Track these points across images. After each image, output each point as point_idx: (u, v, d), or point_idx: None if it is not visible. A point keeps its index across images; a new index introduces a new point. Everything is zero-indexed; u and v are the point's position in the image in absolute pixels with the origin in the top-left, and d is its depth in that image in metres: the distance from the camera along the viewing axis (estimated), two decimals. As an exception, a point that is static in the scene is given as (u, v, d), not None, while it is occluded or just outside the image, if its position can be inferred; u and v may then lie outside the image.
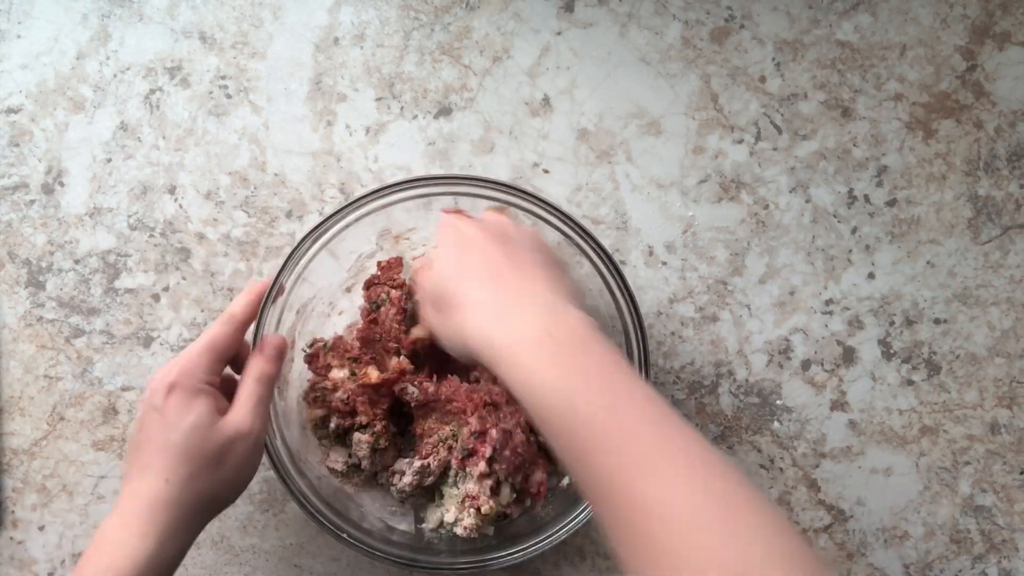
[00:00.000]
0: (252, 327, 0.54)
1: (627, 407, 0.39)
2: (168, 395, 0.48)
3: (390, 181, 0.56)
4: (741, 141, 0.65)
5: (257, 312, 0.53)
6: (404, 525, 0.60)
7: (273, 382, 0.52)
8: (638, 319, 0.55)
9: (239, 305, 0.52)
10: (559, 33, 0.65)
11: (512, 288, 0.46)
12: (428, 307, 0.52)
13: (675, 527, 0.34)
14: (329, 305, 0.62)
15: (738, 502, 0.35)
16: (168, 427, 0.47)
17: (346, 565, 0.63)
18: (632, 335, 0.55)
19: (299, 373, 0.60)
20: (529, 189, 0.56)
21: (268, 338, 0.53)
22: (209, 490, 0.48)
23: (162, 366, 0.50)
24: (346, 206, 0.55)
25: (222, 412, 0.49)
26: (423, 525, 0.59)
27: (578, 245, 0.55)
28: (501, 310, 0.45)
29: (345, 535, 0.56)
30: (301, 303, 0.59)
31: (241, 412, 0.49)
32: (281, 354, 0.53)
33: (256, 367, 0.51)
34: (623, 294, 0.55)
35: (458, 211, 0.54)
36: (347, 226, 0.56)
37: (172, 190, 0.65)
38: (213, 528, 0.63)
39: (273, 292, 0.54)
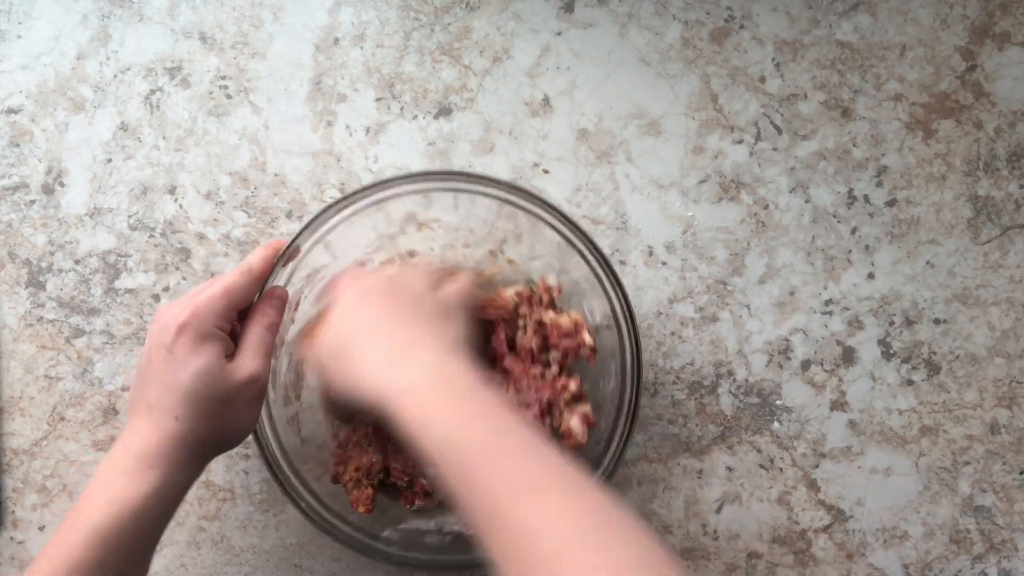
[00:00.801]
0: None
1: (508, 441, 0.42)
2: (179, 335, 0.48)
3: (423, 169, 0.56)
4: (741, 141, 0.65)
5: (272, 268, 0.54)
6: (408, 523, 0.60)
7: (276, 329, 0.53)
8: (631, 319, 0.55)
9: (257, 258, 0.53)
10: (559, 33, 0.65)
11: (401, 341, 0.48)
12: (321, 363, 0.52)
13: (549, 541, 0.37)
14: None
15: (606, 518, 0.39)
16: (178, 367, 0.48)
17: (346, 565, 0.64)
18: (625, 335, 0.55)
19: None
20: (527, 188, 0.56)
21: (274, 289, 0.54)
22: (216, 431, 0.49)
23: (173, 301, 0.51)
24: (375, 184, 0.56)
25: (229, 356, 0.50)
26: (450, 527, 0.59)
27: (574, 245, 0.56)
28: (391, 362, 0.47)
29: (344, 536, 0.56)
30: (312, 268, 0.59)
31: (248, 356, 0.50)
32: (283, 305, 0.55)
33: (263, 315, 0.52)
34: (617, 295, 0.55)
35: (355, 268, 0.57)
36: (372, 204, 0.56)
37: (172, 190, 0.65)
38: (213, 528, 0.64)
39: (287, 252, 0.55)
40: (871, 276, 0.64)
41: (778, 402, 0.64)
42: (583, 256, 0.56)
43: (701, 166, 0.65)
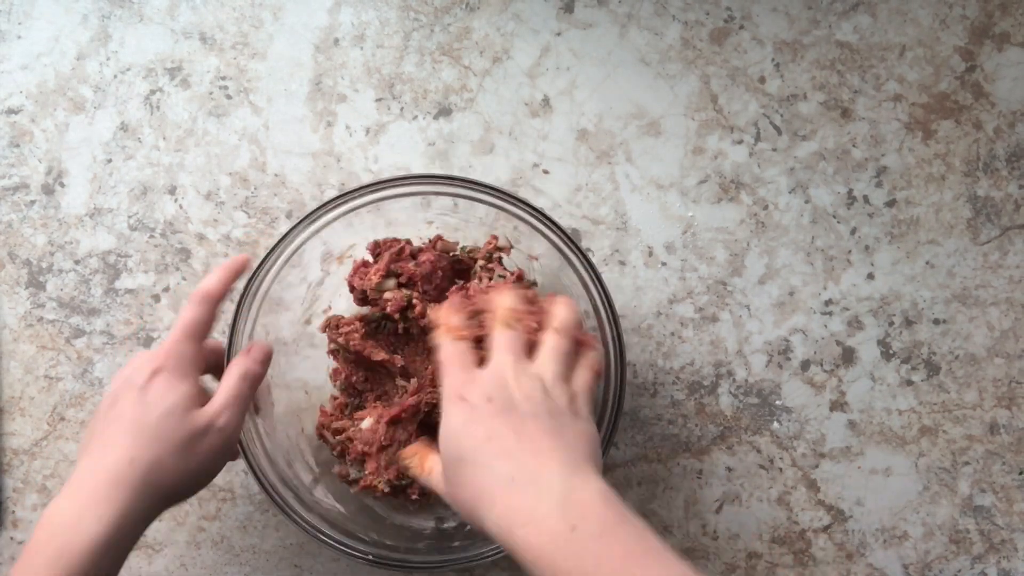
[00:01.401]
0: (227, 335, 0.54)
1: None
2: (153, 376, 0.47)
3: (383, 176, 0.56)
4: (740, 142, 0.65)
5: (229, 288, 0.53)
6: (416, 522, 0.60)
7: (257, 384, 0.52)
8: (617, 332, 0.54)
9: (212, 282, 0.52)
10: (559, 34, 0.65)
11: (526, 469, 0.42)
12: (442, 483, 0.47)
13: None
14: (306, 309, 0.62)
15: None
16: (145, 407, 0.47)
17: (346, 565, 0.64)
18: (611, 347, 0.54)
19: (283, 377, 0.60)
20: (516, 194, 0.55)
21: (257, 343, 0.53)
22: (171, 478, 0.47)
23: (143, 351, 0.50)
24: (371, 184, 0.55)
25: (201, 398, 0.49)
26: (445, 525, 0.59)
27: (561, 252, 0.55)
28: (516, 500, 0.41)
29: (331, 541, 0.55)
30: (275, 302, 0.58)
31: (218, 404, 0.49)
32: (268, 360, 0.53)
33: (242, 364, 0.51)
34: (603, 303, 0.54)
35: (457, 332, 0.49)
36: (369, 205, 0.55)
37: (172, 191, 0.65)
38: (213, 528, 0.64)
39: (248, 268, 0.54)
40: (871, 276, 0.65)
41: (778, 402, 0.64)
42: (570, 263, 0.55)
43: (701, 166, 0.65)
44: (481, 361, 0.47)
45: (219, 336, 0.61)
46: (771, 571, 0.64)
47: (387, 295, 0.57)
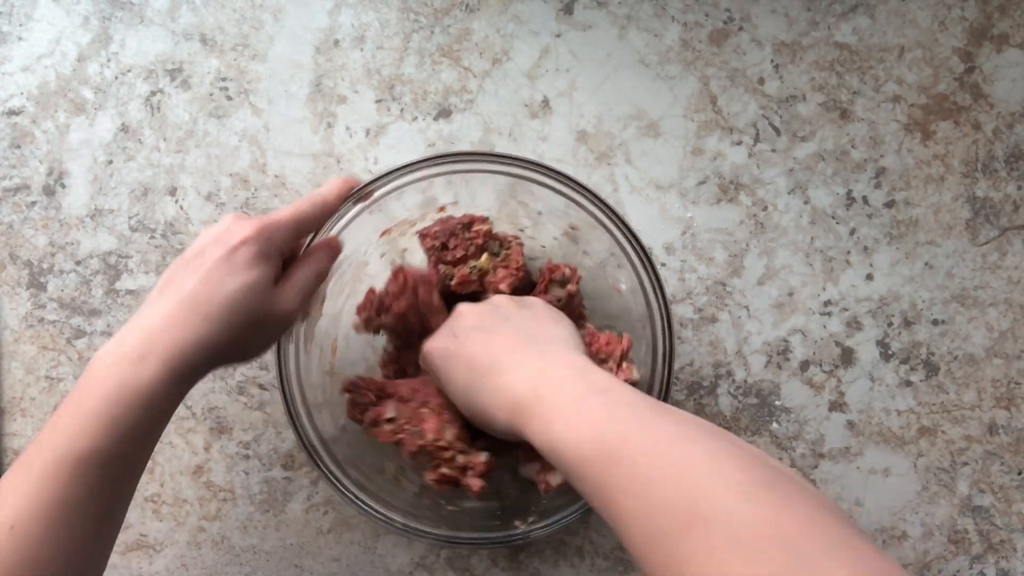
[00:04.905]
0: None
1: (676, 442, 0.38)
2: (242, 244, 0.47)
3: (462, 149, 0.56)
4: (740, 143, 0.65)
5: (341, 204, 0.54)
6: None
7: (324, 276, 0.53)
8: (667, 319, 0.55)
9: (331, 190, 0.53)
10: (558, 35, 0.65)
11: (547, 350, 0.48)
12: (456, 394, 0.51)
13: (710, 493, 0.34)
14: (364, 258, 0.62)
15: (788, 497, 0.34)
16: (229, 272, 0.47)
17: (346, 565, 0.64)
18: (658, 325, 0.55)
19: (325, 330, 0.60)
20: (579, 178, 0.56)
21: (327, 238, 0.54)
22: (236, 346, 0.48)
23: (238, 215, 0.49)
24: (440, 156, 0.55)
25: (277, 281, 0.50)
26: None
27: (620, 245, 0.55)
28: (540, 371, 0.46)
29: (374, 510, 0.55)
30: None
31: (291, 293, 0.50)
32: (336, 256, 0.54)
33: (317, 260, 0.52)
34: (653, 286, 0.55)
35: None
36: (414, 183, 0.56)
37: (173, 192, 0.65)
38: (214, 528, 0.64)
39: (360, 192, 0.54)
40: (870, 277, 0.65)
41: (777, 403, 0.64)
42: (626, 254, 0.55)
43: (700, 167, 0.65)
44: None
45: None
46: (770, 571, 0.64)
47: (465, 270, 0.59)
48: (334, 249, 0.54)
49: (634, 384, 0.54)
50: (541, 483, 0.55)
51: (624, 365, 0.55)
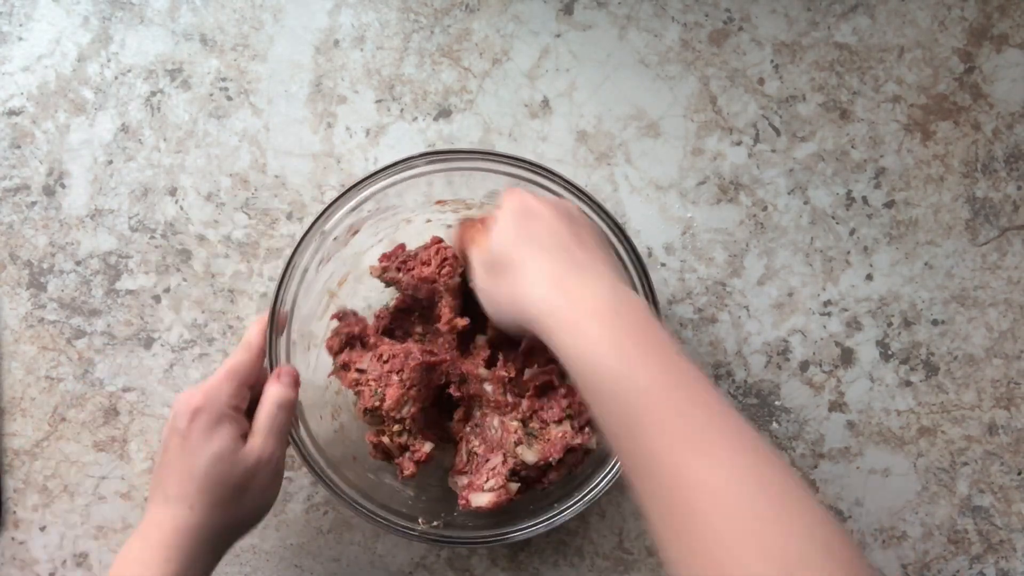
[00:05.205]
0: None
1: (682, 388, 0.39)
2: (192, 420, 0.48)
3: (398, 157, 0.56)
4: (740, 143, 0.65)
5: (268, 339, 0.54)
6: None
7: (292, 408, 0.53)
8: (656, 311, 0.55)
9: (254, 334, 0.53)
10: (558, 35, 0.65)
11: (577, 262, 0.46)
12: (481, 270, 0.51)
13: (720, 508, 0.34)
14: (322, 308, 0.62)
15: (783, 491, 0.35)
16: (192, 453, 0.48)
17: (346, 565, 0.64)
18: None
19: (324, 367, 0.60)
20: (564, 174, 0.56)
21: (283, 368, 0.54)
22: (233, 516, 0.49)
23: (187, 390, 0.51)
24: (389, 166, 0.55)
25: (246, 437, 0.50)
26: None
27: (615, 248, 0.56)
28: (566, 280, 0.44)
29: (373, 514, 0.56)
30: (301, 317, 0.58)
31: (261, 438, 0.50)
32: (297, 382, 0.54)
33: (275, 393, 0.52)
34: (644, 286, 0.55)
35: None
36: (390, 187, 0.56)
37: (173, 192, 0.65)
38: (214, 528, 0.64)
39: (275, 320, 0.54)
40: (869, 277, 0.65)
41: (777, 403, 0.64)
42: (616, 251, 0.56)
43: (700, 168, 0.65)
44: None
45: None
46: (770, 571, 0.64)
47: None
48: (292, 376, 0.53)
49: (587, 452, 0.56)
50: (462, 499, 0.55)
51: (587, 430, 0.56)
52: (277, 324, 0.54)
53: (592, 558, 0.64)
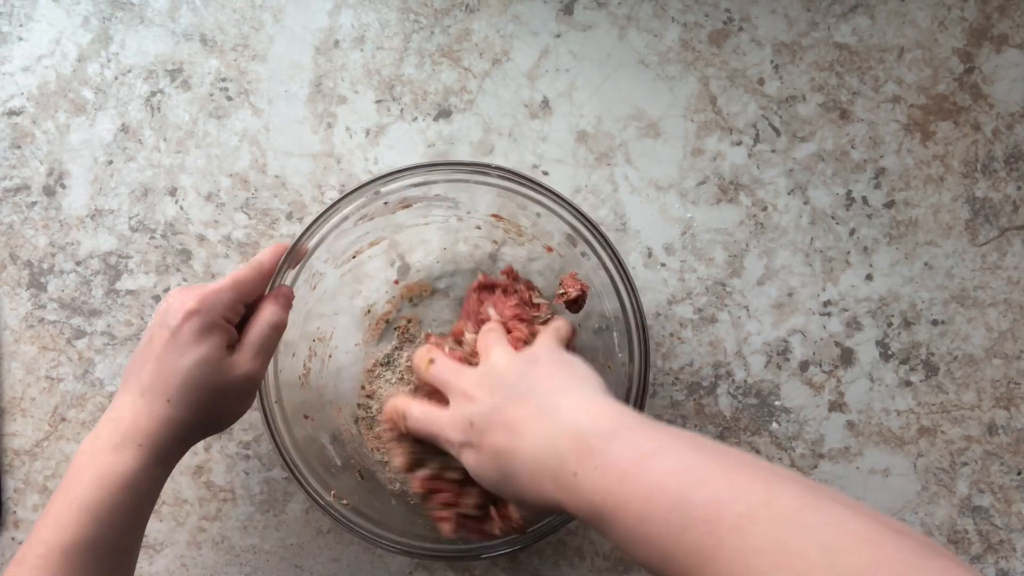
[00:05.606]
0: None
1: (709, 469, 0.35)
2: (186, 320, 0.48)
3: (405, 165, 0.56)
4: (739, 143, 0.65)
5: (279, 266, 0.54)
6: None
7: (282, 329, 0.53)
8: (640, 317, 0.55)
9: (267, 255, 0.53)
10: (558, 36, 0.65)
11: (568, 392, 0.43)
12: (502, 491, 0.45)
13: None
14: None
15: (834, 499, 0.32)
16: (179, 351, 0.48)
17: (346, 565, 0.64)
18: (634, 333, 0.56)
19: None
20: (539, 179, 0.56)
21: (281, 288, 0.54)
22: (206, 418, 0.49)
23: (182, 287, 0.50)
24: (375, 180, 0.55)
25: (230, 349, 0.50)
26: None
27: (586, 240, 0.56)
28: (545, 468, 0.41)
29: (358, 527, 0.56)
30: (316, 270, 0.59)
31: (249, 354, 0.50)
32: (290, 304, 0.54)
33: (270, 313, 0.52)
34: (627, 290, 0.56)
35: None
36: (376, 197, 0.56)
37: (173, 192, 0.65)
38: (214, 529, 0.64)
39: (292, 253, 0.54)
40: (869, 277, 0.65)
41: (777, 403, 0.64)
42: (594, 251, 0.56)
43: (700, 168, 0.65)
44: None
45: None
46: (770, 571, 0.64)
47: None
48: (286, 297, 0.54)
49: None
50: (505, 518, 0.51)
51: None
52: (295, 255, 0.55)
53: (592, 558, 0.64)
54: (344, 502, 0.57)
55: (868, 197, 0.65)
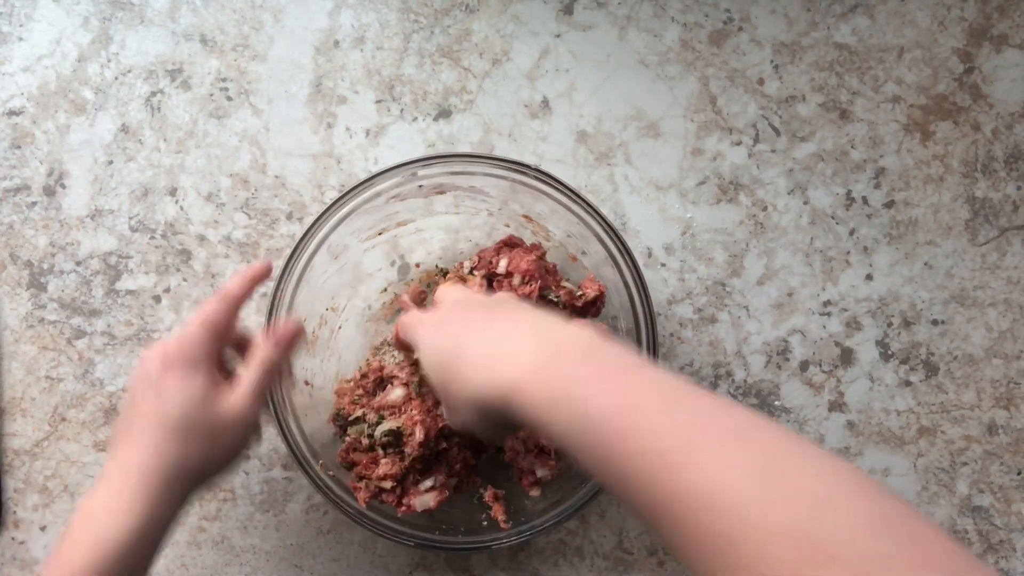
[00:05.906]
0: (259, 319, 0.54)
1: (648, 403, 0.35)
2: (165, 370, 0.48)
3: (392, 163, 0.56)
4: (739, 143, 0.65)
5: (250, 292, 0.53)
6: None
7: (278, 370, 0.52)
8: (649, 308, 0.56)
9: (233, 284, 0.52)
10: (558, 36, 0.65)
11: (504, 327, 0.43)
12: (437, 389, 0.47)
13: (726, 508, 0.31)
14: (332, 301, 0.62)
15: (784, 458, 0.32)
16: (163, 400, 0.47)
17: (346, 565, 0.64)
18: (643, 325, 0.56)
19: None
20: (549, 171, 0.56)
21: (279, 329, 0.53)
22: (199, 464, 0.48)
23: (157, 342, 0.50)
24: (375, 175, 0.56)
25: (217, 388, 0.49)
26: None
27: (595, 232, 0.56)
28: (498, 354, 0.42)
29: (359, 516, 0.56)
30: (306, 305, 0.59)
31: (239, 396, 0.49)
32: (293, 342, 0.53)
33: (264, 353, 0.51)
34: (636, 284, 0.56)
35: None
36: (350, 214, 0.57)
37: (173, 192, 0.65)
38: (214, 528, 0.64)
39: (262, 275, 0.53)
40: (869, 277, 0.65)
41: (777, 403, 0.64)
42: (604, 245, 0.56)
43: (700, 168, 0.65)
44: None
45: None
46: (770, 571, 0.64)
47: None
48: (288, 336, 0.52)
49: None
50: (403, 508, 0.57)
51: None
52: (266, 275, 0.53)
53: (592, 558, 0.64)
54: (331, 473, 0.57)
55: (868, 197, 0.65)
